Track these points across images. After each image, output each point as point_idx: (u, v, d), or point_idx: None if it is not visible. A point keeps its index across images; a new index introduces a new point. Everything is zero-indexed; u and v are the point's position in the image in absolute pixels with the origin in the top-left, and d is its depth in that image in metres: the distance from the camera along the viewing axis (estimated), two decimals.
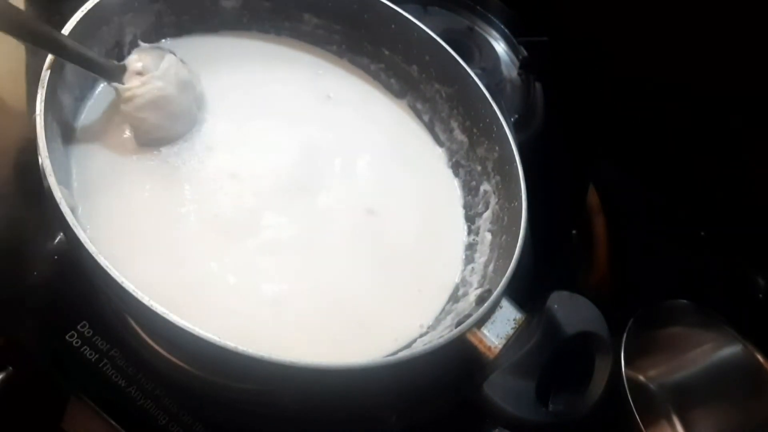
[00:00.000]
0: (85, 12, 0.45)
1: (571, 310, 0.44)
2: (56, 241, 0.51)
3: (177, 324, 0.35)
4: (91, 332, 0.49)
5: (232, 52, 0.56)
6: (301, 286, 0.46)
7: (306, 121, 0.55)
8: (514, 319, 0.44)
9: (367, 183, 0.54)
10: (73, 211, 0.37)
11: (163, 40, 0.54)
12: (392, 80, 0.60)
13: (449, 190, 0.57)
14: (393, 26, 0.57)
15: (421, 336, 0.47)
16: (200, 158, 0.49)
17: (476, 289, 0.48)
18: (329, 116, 0.56)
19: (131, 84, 0.46)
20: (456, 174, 0.57)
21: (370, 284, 0.48)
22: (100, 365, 0.48)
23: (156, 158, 0.48)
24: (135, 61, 0.47)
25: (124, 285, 0.35)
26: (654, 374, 0.64)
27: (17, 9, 0.41)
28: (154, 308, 0.35)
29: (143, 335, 0.48)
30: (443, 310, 0.49)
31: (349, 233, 0.50)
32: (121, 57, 0.49)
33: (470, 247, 0.53)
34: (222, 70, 0.55)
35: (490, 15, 0.73)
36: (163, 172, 0.47)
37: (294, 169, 0.51)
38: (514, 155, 0.51)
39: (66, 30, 0.43)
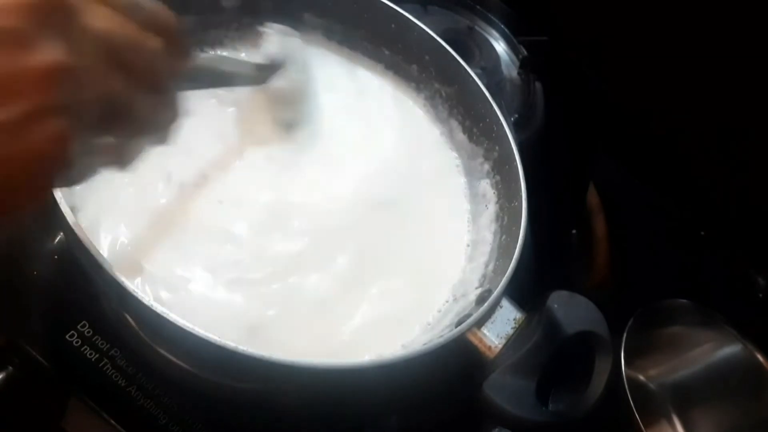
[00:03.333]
0: None
1: (571, 310, 0.44)
2: (56, 241, 0.51)
3: (177, 324, 0.35)
4: (91, 332, 0.49)
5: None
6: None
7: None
8: (514, 319, 0.44)
9: (368, 178, 0.54)
10: (73, 210, 0.37)
11: None
12: (392, 80, 0.60)
13: (449, 189, 0.57)
14: (393, 26, 0.57)
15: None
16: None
17: (476, 288, 0.48)
18: (328, 113, 0.56)
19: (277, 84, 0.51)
20: (455, 173, 0.57)
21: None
22: (100, 365, 0.48)
23: None
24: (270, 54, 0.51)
25: (124, 285, 0.35)
26: (654, 374, 0.64)
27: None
28: (154, 308, 0.35)
29: (143, 335, 0.48)
30: (444, 310, 0.49)
31: (353, 227, 0.50)
32: None
33: (470, 247, 0.53)
34: None
35: (490, 15, 0.73)
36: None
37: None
38: (514, 155, 0.51)
39: None
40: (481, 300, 0.45)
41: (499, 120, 0.53)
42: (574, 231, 0.73)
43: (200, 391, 0.49)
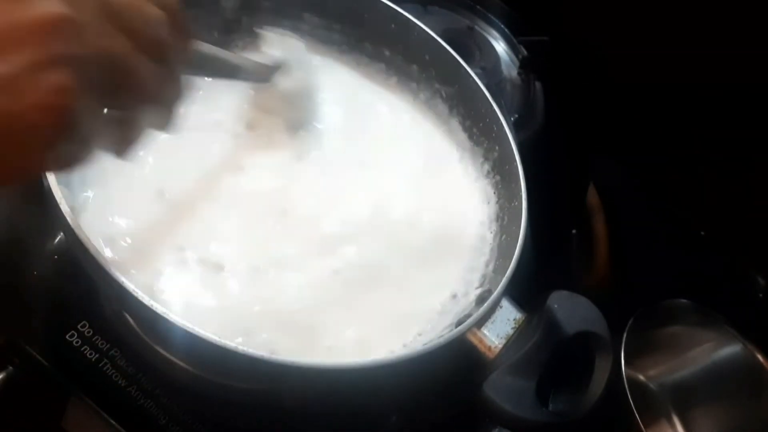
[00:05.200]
0: None
1: (571, 310, 0.44)
2: (56, 241, 0.51)
3: (177, 324, 0.35)
4: (91, 332, 0.49)
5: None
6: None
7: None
8: (514, 319, 0.44)
9: (371, 178, 0.54)
10: (73, 210, 0.37)
11: None
12: (392, 80, 0.60)
13: (448, 189, 0.57)
14: (393, 26, 0.57)
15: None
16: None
17: (476, 288, 0.48)
18: (330, 113, 0.56)
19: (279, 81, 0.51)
20: (454, 173, 0.57)
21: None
22: (100, 365, 0.48)
23: None
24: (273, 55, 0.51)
25: (124, 285, 0.35)
26: (654, 374, 0.64)
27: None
28: (154, 308, 0.35)
29: (143, 335, 0.48)
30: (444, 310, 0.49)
31: (353, 228, 0.50)
32: None
33: (470, 247, 0.53)
34: None
35: (490, 15, 0.73)
36: None
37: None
38: (514, 155, 0.51)
39: None
40: (481, 300, 0.45)
41: (499, 120, 0.53)
42: (574, 231, 0.73)
43: (200, 391, 0.49)
